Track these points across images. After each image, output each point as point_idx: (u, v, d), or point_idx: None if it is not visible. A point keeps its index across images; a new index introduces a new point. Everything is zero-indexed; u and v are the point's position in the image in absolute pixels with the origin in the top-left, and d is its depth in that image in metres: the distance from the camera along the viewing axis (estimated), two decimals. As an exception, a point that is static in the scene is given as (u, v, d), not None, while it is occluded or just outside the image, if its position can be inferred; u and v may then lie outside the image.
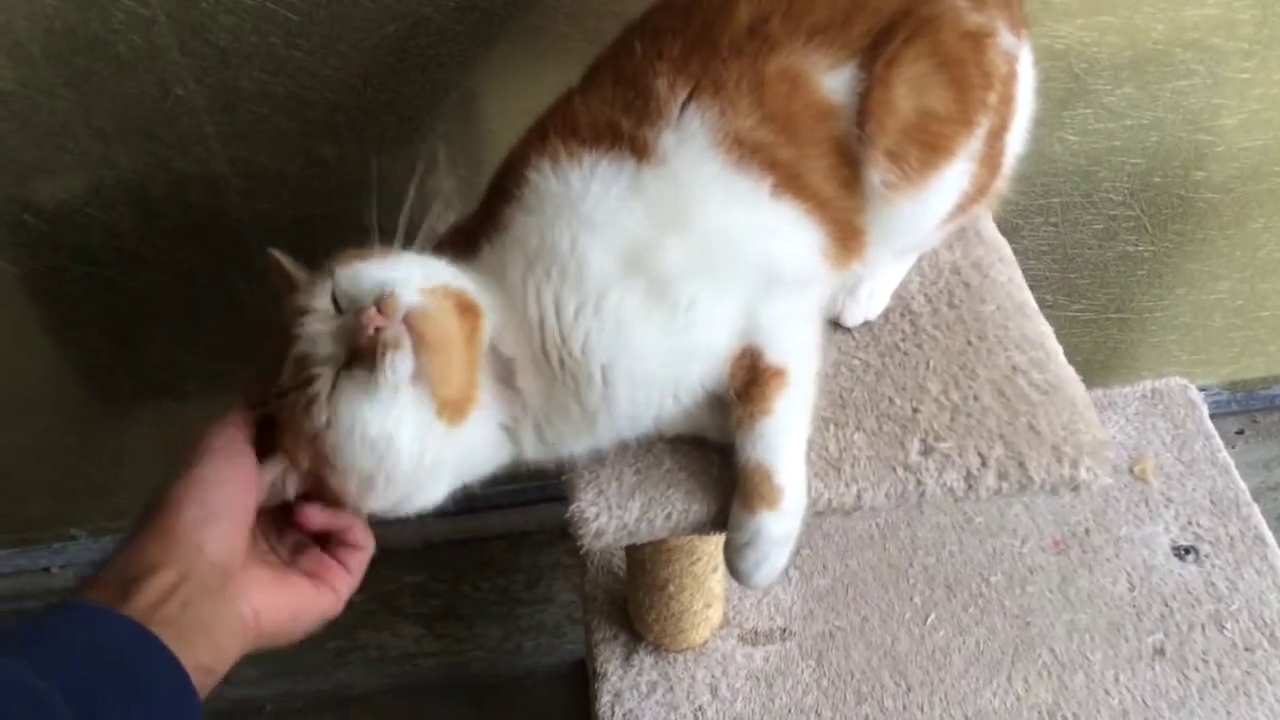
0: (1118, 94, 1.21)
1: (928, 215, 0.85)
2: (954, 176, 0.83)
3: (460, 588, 1.67)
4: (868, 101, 0.79)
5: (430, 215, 0.83)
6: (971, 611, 1.25)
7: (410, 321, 0.68)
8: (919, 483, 0.81)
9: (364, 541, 0.77)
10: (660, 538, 0.83)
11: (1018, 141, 0.91)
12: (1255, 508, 1.32)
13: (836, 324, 0.92)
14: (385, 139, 1.15)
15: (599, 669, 1.23)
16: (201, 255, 1.23)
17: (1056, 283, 1.41)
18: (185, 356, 1.34)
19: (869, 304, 0.91)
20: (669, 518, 0.81)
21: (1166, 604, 1.24)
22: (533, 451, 0.80)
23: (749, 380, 0.78)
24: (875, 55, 0.79)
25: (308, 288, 0.74)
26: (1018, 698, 1.17)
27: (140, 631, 0.59)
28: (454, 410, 0.72)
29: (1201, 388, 1.48)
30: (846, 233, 0.82)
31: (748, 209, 0.78)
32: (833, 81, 0.80)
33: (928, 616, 1.25)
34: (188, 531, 0.65)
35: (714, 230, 0.78)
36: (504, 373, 0.77)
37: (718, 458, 0.82)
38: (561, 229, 0.76)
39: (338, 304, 0.71)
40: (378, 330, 0.67)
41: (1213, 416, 1.43)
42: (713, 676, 1.21)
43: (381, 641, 1.76)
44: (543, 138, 0.80)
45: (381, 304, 0.68)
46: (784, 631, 1.25)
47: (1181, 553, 1.29)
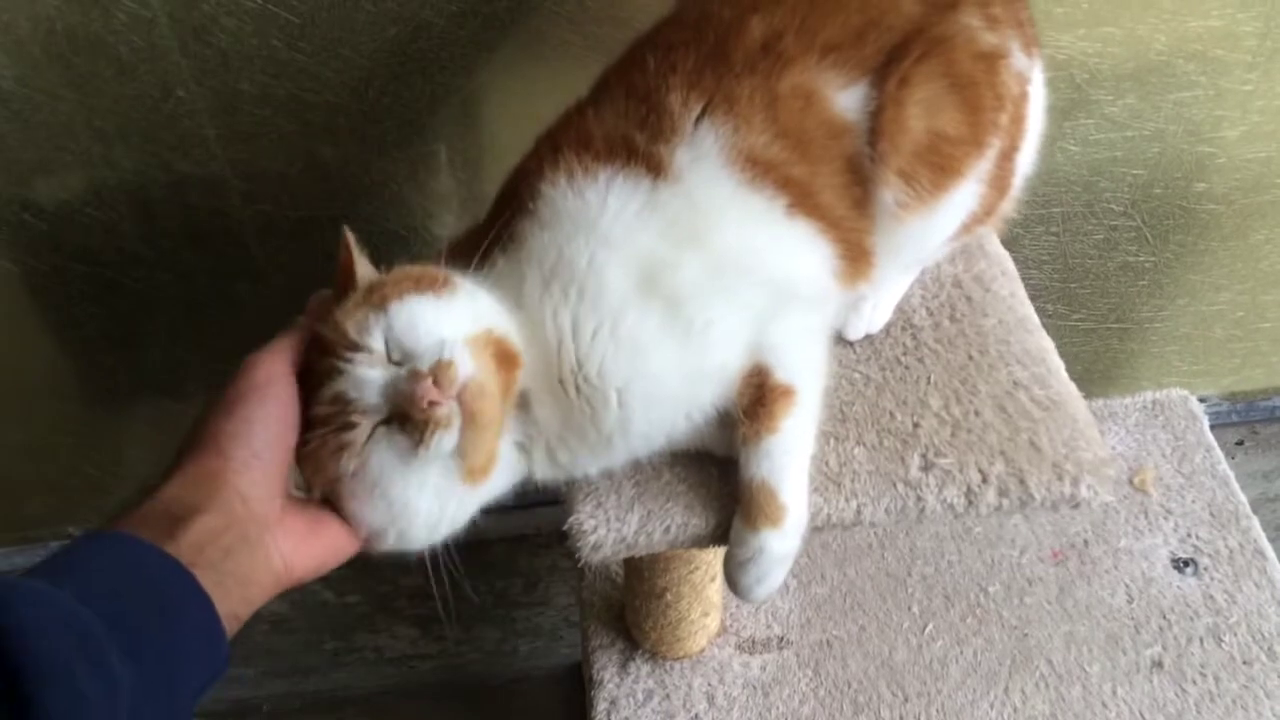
0: (1119, 105, 1.21)
1: (935, 235, 0.84)
2: (963, 197, 0.83)
3: (458, 590, 1.67)
4: (880, 120, 0.79)
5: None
6: (969, 622, 1.25)
7: (464, 399, 0.68)
8: (919, 498, 0.81)
9: None
10: (658, 550, 0.82)
11: (1027, 162, 0.91)
12: (1255, 520, 1.32)
13: (838, 337, 0.91)
14: (386, 142, 1.15)
15: (595, 676, 1.23)
16: (202, 256, 1.22)
17: (1057, 293, 1.41)
18: (185, 356, 1.34)
19: (871, 318, 0.91)
20: (667, 531, 0.81)
21: (1165, 616, 1.24)
22: (544, 474, 0.80)
23: (756, 399, 0.77)
24: (887, 74, 0.79)
25: (361, 311, 0.70)
26: (1015, 709, 1.17)
27: (182, 572, 0.59)
28: (479, 475, 0.72)
29: (1202, 399, 1.48)
30: (856, 253, 0.82)
31: (763, 228, 0.78)
32: (845, 100, 0.79)
33: (925, 626, 1.25)
34: (233, 475, 0.64)
35: (730, 249, 0.77)
36: (519, 400, 0.76)
37: (716, 471, 0.81)
38: (579, 246, 0.75)
39: (388, 347, 0.69)
40: (432, 404, 0.66)
41: (1213, 427, 1.43)
42: (709, 685, 1.21)
43: (378, 643, 1.76)
44: (555, 150, 0.79)
45: (439, 377, 0.66)
46: (781, 640, 1.25)
47: (1180, 565, 1.28)
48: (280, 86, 1.09)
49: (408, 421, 0.67)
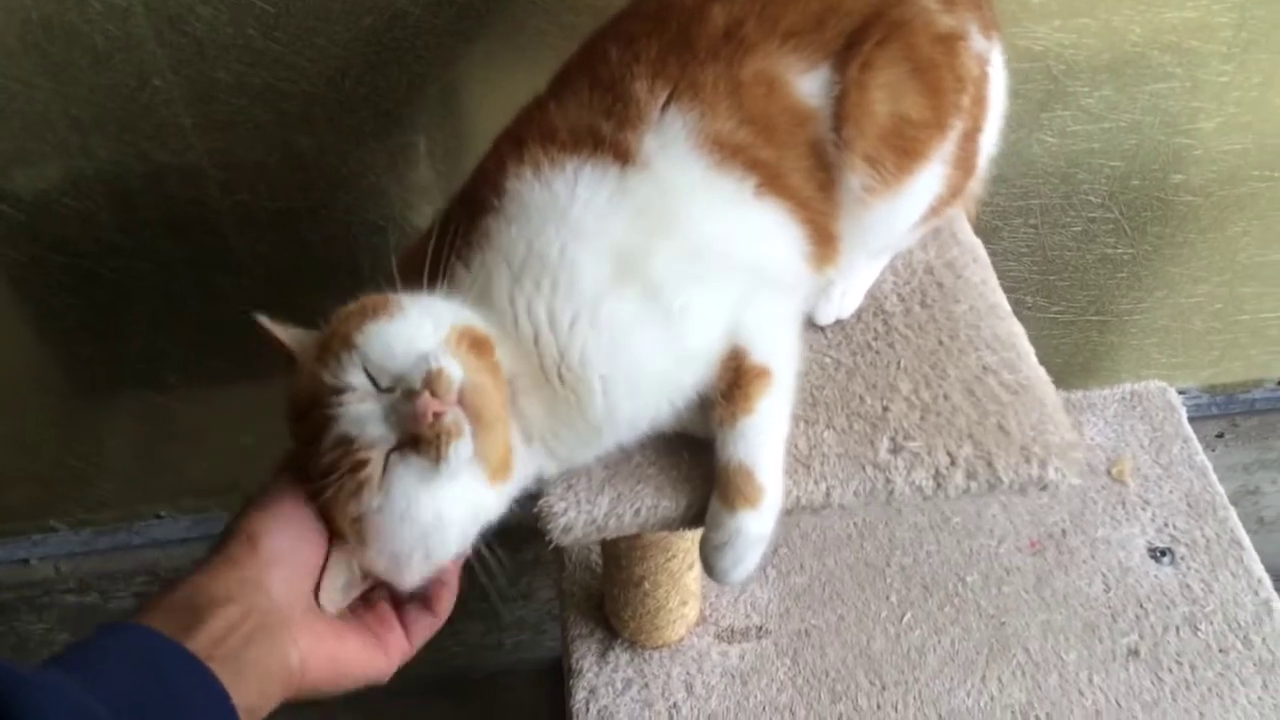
0: (1096, 96, 1.21)
1: (901, 218, 0.85)
2: (928, 180, 0.83)
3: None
4: (844, 105, 0.79)
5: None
6: (947, 611, 1.25)
7: (465, 400, 0.67)
8: (888, 481, 0.81)
9: (441, 610, 0.77)
10: (629, 533, 0.83)
11: (990, 142, 0.91)
12: (1232, 510, 1.32)
13: (810, 322, 0.92)
14: (363, 132, 1.15)
15: (574, 665, 1.23)
16: (180, 246, 1.22)
17: (1036, 285, 1.41)
18: (165, 347, 1.34)
19: (842, 303, 0.92)
20: (638, 513, 0.81)
21: (1141, 605, 1.25)
22: (549, 468, 0.80)
23: (733, 381, 0.78)
24: (849, 58, 0.79)
25: (326, 360, 0.70)
26: (991, 698, 1.18)
27: (198, 666, 0.59)
28: (503, 471, 0.72)
29: (1181, 391, 1.49)
30: (823, 237, 0.82)
31: (733, 209, 0.79)
32: (807, 85, 0.80)
33: (904, 616, 1.25)
34: (260, 568, 0.65)
35: (702, 232, 0.78)
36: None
37: (687, 454, 0.81)
38: (549, 237, 0.75)
39: (373, 378, 0.69)
40: (437, 416, 0.66)
41: (1193, 420, 1.43)
42: (688, 674, 1.21)
43: (361, 637, 1.76)
44: (519, 146, 0.79)
45: (434, 386, 0.66)
46: (760, 629, 1.26)
47: (1157, 555, 1.29)
48: (256, 75, 1.09)
49: (419, 441, 0.67)
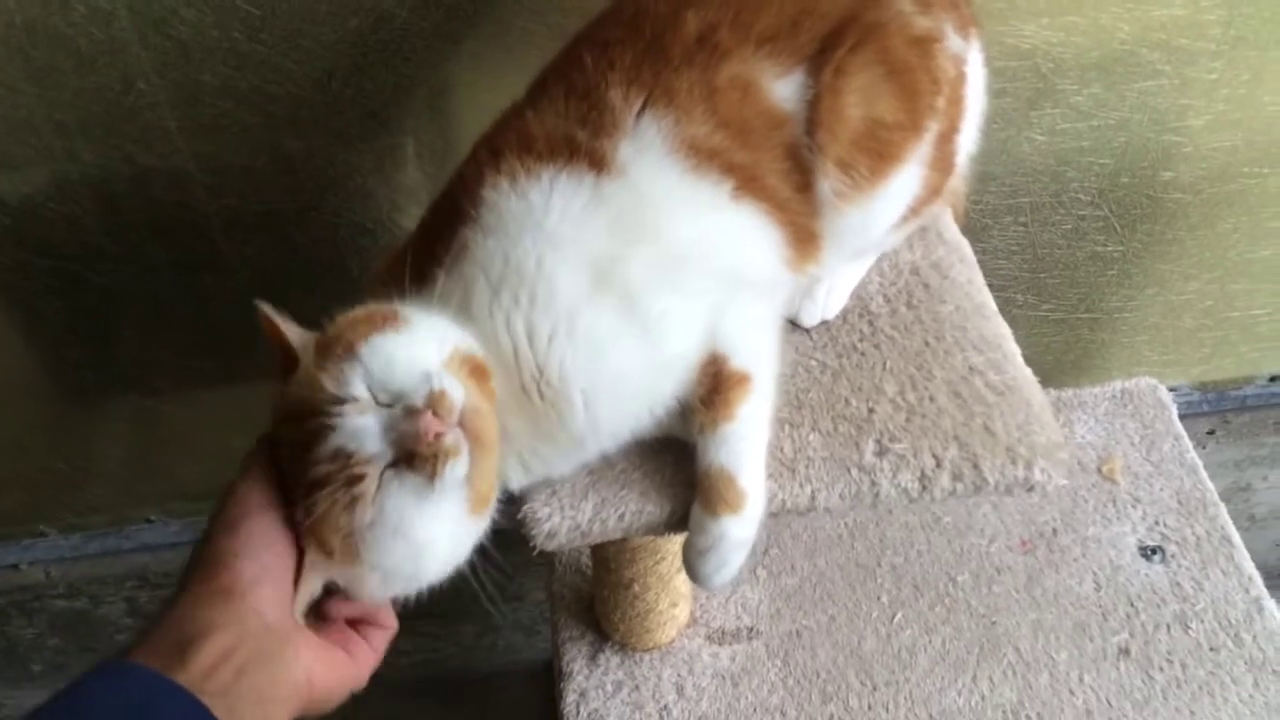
0: (1085, 94, 1.21)
1: (878, 221, 0.85)
2: (903, 182, 0.83)
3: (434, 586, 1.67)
4: (817, 110, 0.79)
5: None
6: (938, 611, 1.25)
7: (465, 423, 0.68)
8: (873, 484, 0.81)
9: (389, 622, 0.77)
10: (614, 538, 0.82)
11: (969, 141, 0.91)
12: (1222, 508, 1.32)
13: (794, 324, 0.91)
14: (350, 134, 1.15)
15: (565, 668, 1.23)
16: (166, 250, 1.22)
17: (1026, 283, 1.41)
18: (153, 351, 1.34)
19: (826, 304, 0.91)
20: (622, 518, 0.81)
21: (1132, 604, 1.25)
22: (518, 482, 0.80)
23: (713, 387, 0.77)
24: (823, 62, 0.79)
25: (327, 366, 0.69)
26: (982, 697, 1.17)
27: (188, 700, 0.59)
28: (484, 503, 0.72)
29: (1172, 388, 1.49)
30: (803, 236, 0.82)
31: (711, 213, 0.78)
32: (782, 89, 0.80)
33: (894, 616, 1.25)
34: (244, 591, 0.64)
35: (679, 238, 0.77)
36: None
37: (671, 459, 0.81)
38: (526, 248, 0.75)
39: (373, 391, 0.68)
40: (438, 436, 0.66)
41: (1184, 417, 1.43)
42: (679, 676, 1.21)
43: (354, 639, 1.76)
44: (496, 155, 0.78)
45: (437, 406, 0.66)
46: (751, 631, 1.25)
47: (1148, 553, 1.29)
48: (242, 79, 1.08)
49: (416, 459, 0.66)
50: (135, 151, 1.12)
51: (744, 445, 0.78)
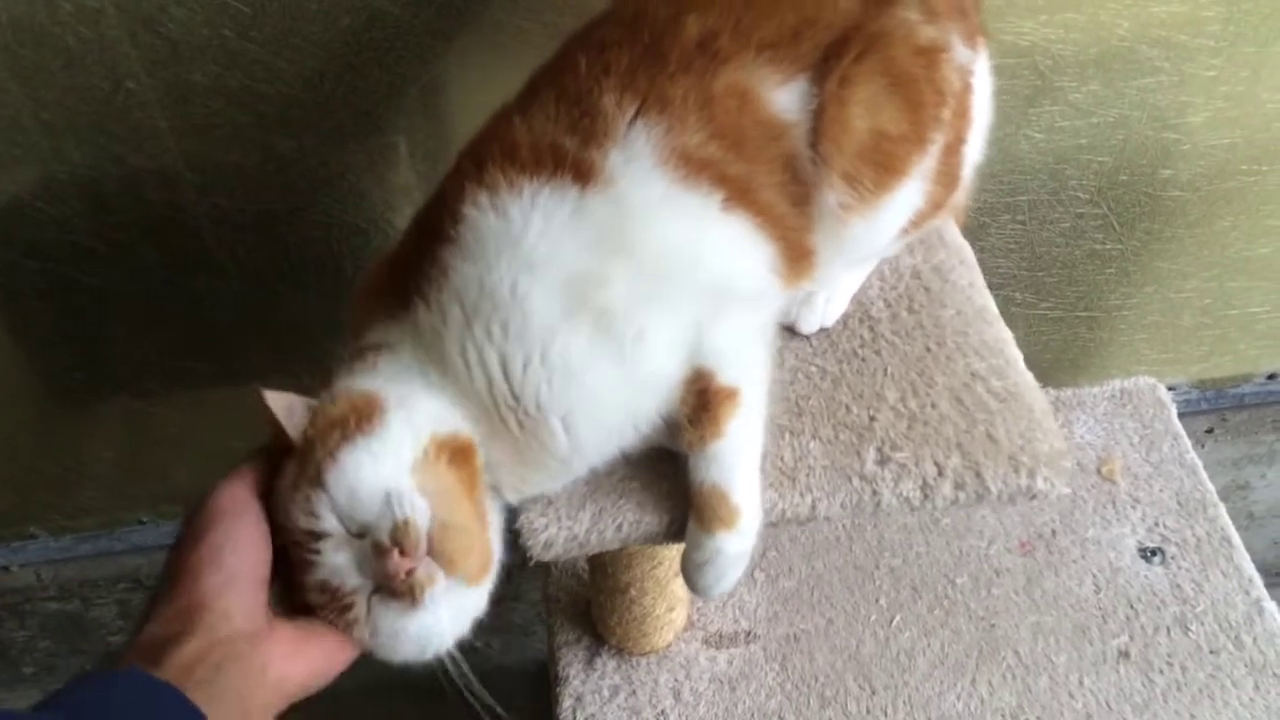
0: (1083, 91, 1.20)
1: (880, 234, 0.83)
2: (907, 195, 0.82)
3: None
4: (822, 121, 0.77)
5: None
6: (937, 614, 1.24)
7: (434, 546, 0.68)
8: (874, 493, 0.80)
9: None
10: (611, 548, 0.81)
11: (975, 153, 0.89)
12: (1222, 508, 1.32)
13: (794, 331, 0.90)
14: (343, 133, 1.13)
15: (561, 672, 1.22)
16: (157, 251, 1.21)
17: (1025, 281, 1.40)
18: (143, 352, 1.33)
19: (825, 312, 0.90)
20: (620, 529, 0.80)
21: (1132, 606, 1.24)
22: (515, 500, 0.80)
23: (699, 404, 0.76)
24: (827, 72, 0.77)
25: (304, 498, 0.69)
26: (981, 701, 1.17)
27: (170, 690, 0.60)
28: (483, 572, 0.73)
29: (1170, 386, 1.48)
30: (797, 252, 0.80)
31: (697, 226, 0.76)
32: (783, 98, 0.78)
33: (893, 619, 1.24)
34: (210, 600, 0.65)
35: (663, 252, 0.75)
36: None
37: (669, 469, 0.80)
38: (501, 273, 0.73)
39: (342, 522, 0.69)
40: (408, 573, 0.67)
41: (1182, 415, 1.42)
42: (676, 680, 1.20)
43: (347, 639, 1.75)
44: (479, 166, 0.76)
45: (401, 544, 0.66)
46: (748, 634, 1.24)
47: (1148, 554, 1.28)
48: (232, 77, 1.07)
49: (395, 591, 0.68)
50: (125, 151, 1.11)
51: (735, 461, 0.77)
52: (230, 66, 1.06)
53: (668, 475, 0.80)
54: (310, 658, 0.68)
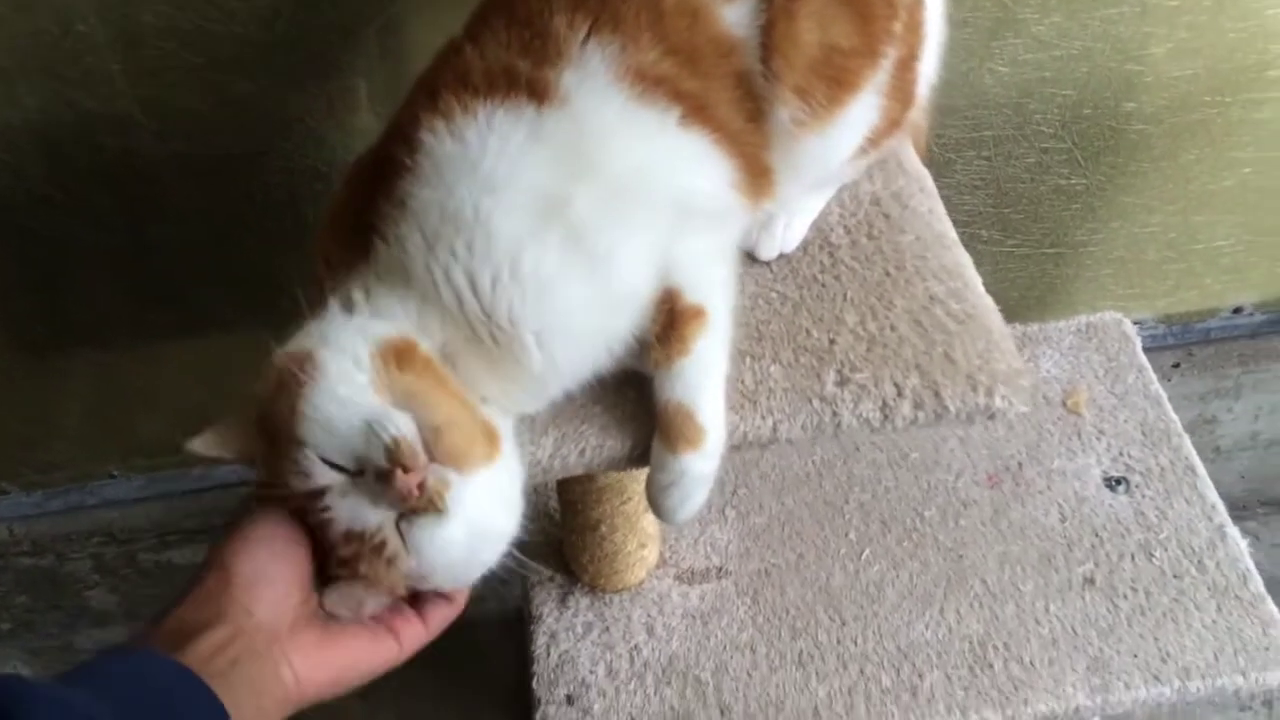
0: (1046, 23, 1.20)
1: (836, 151, 0.83)
2: (862, 111, 0.82)
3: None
4: (771, 36, 0.77)
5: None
6: (905, 546, 1.26)
7: (434, 451, 0.67)
8: (835, 414, 0.80)
9: (460, 599, 0.77)
10: (576, 474, 0.82)
11: (930, 70, 0.89)
12: (1186, 438, 1.33)
13: (754, 257, 0.90)
14: (300, 75, 1.12)
15: (535, 611, 1.23)
16: (115, 198, 1.20)
17: (991, 218, 1.41)
18: (107, 303, 1.31)
19: (785, 237, 0.90)
20: (583, 454, 0.80)
21: (1097, 534, 1.26)
22: (506, 422, 0.78)
23: (667, 323, 0.76)
24: None
25: (283, 464, 0.68)
26: (950, 629, 1.18)
27: (192, 677, 0.61)
28: (492, 445, 0.72)
29: (1136, 321, 1.49)
30: (755, 169, 0.80)
31: (656, 141, 0.76)
32: (733, 14, 0.77)
33: (862, 552, 1.26)
34: (239, 591, 0.65)
35: (623, 168, 0.75)
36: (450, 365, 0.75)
37: (632, 393, 0.80)
38: (462, 196, 0.72)
39: (335, 466, 0.68)
40: (420, 487, 0.66)
41: (1149, 350, 1.43)
42: (649, 616, 1.21)
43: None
44: (433, 95, 0.75)
45: (402, 460, 0.65)
46: (720, 570, 1.26)
47: (1112, 484, 1.30)
48: (184, 18, 1.05)
49: (416, 509, 0.67)
50: (78, 96, 1.09)
51: (701, 380, 0.77)
52: (182, 7, 1.04)
53: (630, 400, 0.80)
54: (330, 659, 0.68)
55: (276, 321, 0.76)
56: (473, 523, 0.69)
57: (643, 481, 1.05)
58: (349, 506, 0.67)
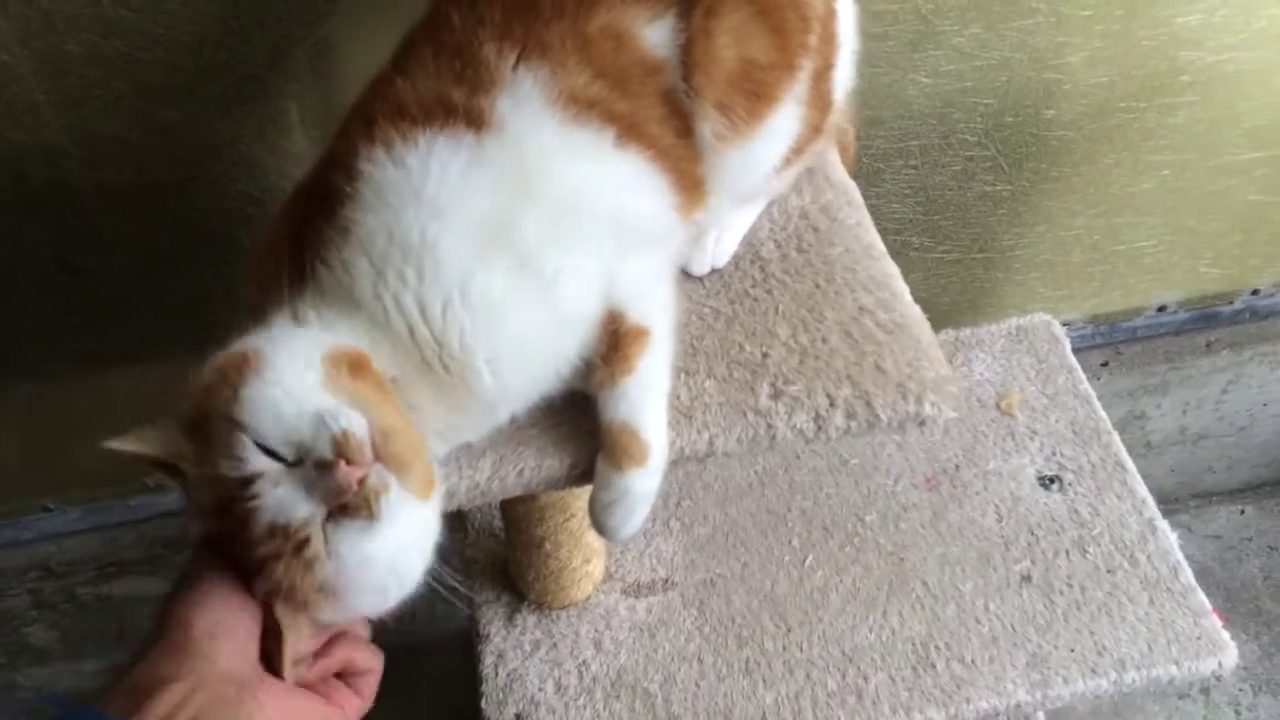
0: (965, 35, 1.23)
1: (760, 161, 0.85)
2: (783, 122, 0.84)
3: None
4: (691, 54, 0.79)
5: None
6: (848, 551, 1.27)
7: (379, 450, 0.67)
8: (769, 426, 0.82)
9: (372, 664, 0.77)
10: (515, 494, 0.82)
11: (845, 77, 0.92)
12: (1115, 436, 1.36)
13: (687, 273, 0.92)
14: (229, 100, 1.11)
15: (482, 630, 1.23)
16: (44, 229, 1.18)
17: (920, 225, 1.43)
18: (40, 335, 1.29)
19: (715, 252, 0.92)
20: (521, 474, 0.80)
21: (1033, 532, 1.28)
22: (438, 453, 0.79)
23: (611, 343, 0.77)
24: (692, 5, 0.79)
25: (214, 450, 0.67)
26: (893, 631, 1.20)
27: None
28: (429, 485, 0.72)
29: (1066, 322, 1.53)
30: (688, 182, 0.82)
31: (593, 162, 0.77)
32: (655, 35, 0.79)
33: (806, 558, 1.27)
34: (198, 644, 0.65)
35: (565, 191, 0.76)
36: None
37: (568, 413, 0.81)
38: (409, 221, 0.73)
39: (272, 451, 0.67)
40: (360, 482, 0.65)
41: (1078, 350, 1.47)
42: (596, 631, 1.22)
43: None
44: (369, 124, 0.76)
45: (347, 452, 0.65)
46: (666, 582, 1.26)
47: (1046, 482, 1.33)
48: (109, 46, 1.04)
49: (349, 507, 0.66)
50: (3, 127, 1.08)
51: (645, 398, 0.78)
52: (106, 34, 1.04)
53: (567, 420, 0.81)
54: (300, 709, 0.69)
55: (211, 349, 0.75)
56: (397, 543, 0.68)
57: (585, 498, 1.06)
58: (278, 497, 0.66)
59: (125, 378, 1.34)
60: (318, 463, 0.66)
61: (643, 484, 0.79)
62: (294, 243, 0.77)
